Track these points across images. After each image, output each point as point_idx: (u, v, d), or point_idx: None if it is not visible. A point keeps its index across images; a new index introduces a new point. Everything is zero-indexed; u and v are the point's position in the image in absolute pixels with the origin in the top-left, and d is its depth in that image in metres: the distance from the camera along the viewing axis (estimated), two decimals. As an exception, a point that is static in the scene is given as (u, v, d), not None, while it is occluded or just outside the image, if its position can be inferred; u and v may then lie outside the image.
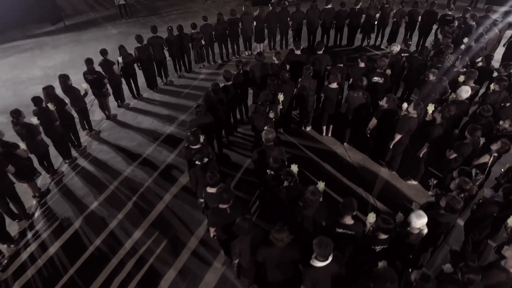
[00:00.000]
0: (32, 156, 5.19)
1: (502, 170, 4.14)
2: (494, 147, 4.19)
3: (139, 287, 4.12)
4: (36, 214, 5.15)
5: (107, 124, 7.11)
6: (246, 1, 12.62)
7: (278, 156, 4.10)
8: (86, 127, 6.69)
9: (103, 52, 6.85)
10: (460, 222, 4.36)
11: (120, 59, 7.07)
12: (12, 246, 4.58)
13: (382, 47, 9.87)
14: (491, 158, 4.25)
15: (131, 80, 7.66)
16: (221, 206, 3.45)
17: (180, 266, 4.31)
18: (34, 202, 5.31)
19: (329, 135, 6.45)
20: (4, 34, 11.72)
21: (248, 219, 3.19)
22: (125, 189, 5.48)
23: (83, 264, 4.39)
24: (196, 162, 4.08)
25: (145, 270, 4.30)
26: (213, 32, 8.78)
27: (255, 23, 9.21)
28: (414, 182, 5.40)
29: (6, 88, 8.65)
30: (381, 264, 2.91)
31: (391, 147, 5.20)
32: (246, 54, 9.86)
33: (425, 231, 3.28)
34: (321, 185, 3.67)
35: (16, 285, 4.17)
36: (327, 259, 2.85)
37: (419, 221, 3.19)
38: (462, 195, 3.56)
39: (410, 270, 3.05)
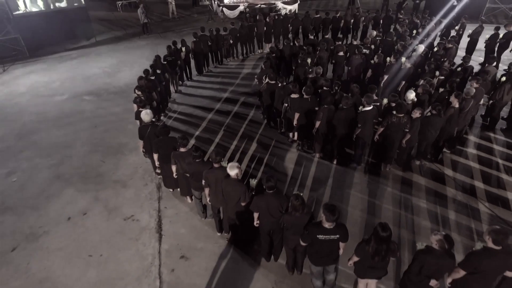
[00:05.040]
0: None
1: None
2: (437, 73, 7.49)
3: (257, 165, 6.66)
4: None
5: (177, 95, 9.61)
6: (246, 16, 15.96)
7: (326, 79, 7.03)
8: (166, 95, 9.16)
9: (174, 43, 9.50)
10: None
11: (183, 49, 9.74)
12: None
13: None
14: (436, 80, 7.52)
15: (187, 66, 10.31)
16: (305, 96, 6.25)
17: (271, 153, 6.94)
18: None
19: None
20: (46, 48, 13.79)
21: (332, 92, 6.02)
22: (214, 124, 8.02)
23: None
24: (279, 85, 6.88)
25: (250, 155, 6.85)
26: (237, 34, 11.79)
27: (265, 28, 12.39)
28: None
29: (79, 80, 10.83)
30: (384, 100, 5.95)
31: (381, 85, 8.35)
32: (259, 51, 12.94)
33: (415, 99, 6.31)
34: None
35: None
36: (370, 105, 5.75)
37: (411, 95, 6.23)
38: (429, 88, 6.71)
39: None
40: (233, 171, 4.12)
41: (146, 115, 5.59)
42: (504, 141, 7.13)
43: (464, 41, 10.98)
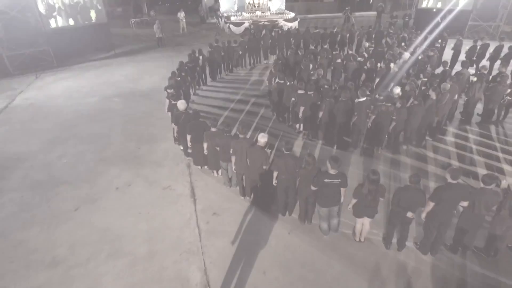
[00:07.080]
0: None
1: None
2: (421, 75, 8.86)
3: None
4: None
5: (195, 97, 10.91)
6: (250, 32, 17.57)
7: (327, 79, 8.36)
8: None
9: (193, 51, 10.91)
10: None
11: (201, 57, 11.13)
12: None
13: (352, 55, 14.93)
14: (420, 81, 8.89)
15: (203, 73, 11.67)
16: (309, 92, 7.54)
17: (280, 140, 8.17)
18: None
19: (337, 92, 10.88)
20: (70, 59, 15.21)
21: (332, 89, 7.33)
22: (230, 120, 9.27)
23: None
24: (288, 84, 8.20)
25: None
26: (246, 46, 13.26)
27: (270, 41, 13.89)
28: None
29: (106, 85, 12.17)
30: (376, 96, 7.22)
31: (374, 87, 9.70)
32: (265, 62, 14.40)
33: (400, 94, 7.62)
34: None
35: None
36: (364, 97, 7.04)
37: (397, 90, 7.56)
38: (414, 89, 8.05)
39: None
40: (263, 139, 5.37)
41: (182, 104, 6.86)
42: (478, 132, 8.41)
43: (449, 53, 12.50)
